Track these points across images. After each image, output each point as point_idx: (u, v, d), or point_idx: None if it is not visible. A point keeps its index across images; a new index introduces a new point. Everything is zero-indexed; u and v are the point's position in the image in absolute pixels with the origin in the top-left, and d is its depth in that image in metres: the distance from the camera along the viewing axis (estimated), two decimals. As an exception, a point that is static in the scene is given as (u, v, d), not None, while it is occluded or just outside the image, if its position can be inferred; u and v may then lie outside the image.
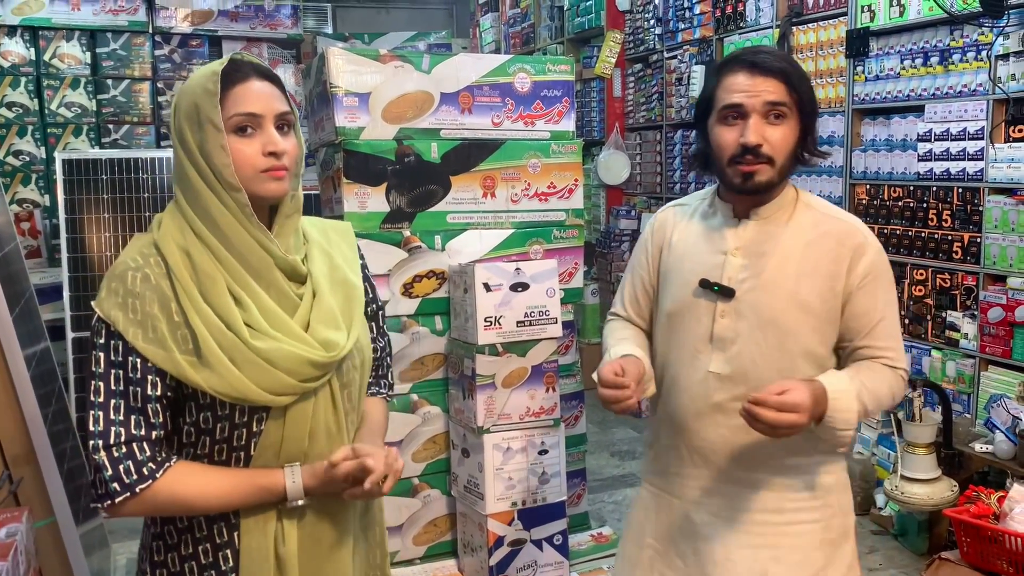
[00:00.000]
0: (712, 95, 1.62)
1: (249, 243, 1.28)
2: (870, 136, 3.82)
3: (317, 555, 1.36)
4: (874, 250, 1.63)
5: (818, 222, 1.65)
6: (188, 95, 1.28)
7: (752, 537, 1.66)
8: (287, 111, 1.32)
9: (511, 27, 7.33)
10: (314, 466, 1.32)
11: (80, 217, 3.77)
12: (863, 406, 1.55)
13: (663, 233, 1.78)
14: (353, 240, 1.52)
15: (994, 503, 2.60)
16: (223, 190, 1.26)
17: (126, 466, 1.23)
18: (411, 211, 2.75)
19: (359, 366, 1.41)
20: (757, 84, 1.56)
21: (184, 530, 1.33)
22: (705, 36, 4.81)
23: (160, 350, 1.24)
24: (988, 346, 3.27)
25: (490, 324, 2.63)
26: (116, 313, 1.24)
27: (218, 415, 1.28)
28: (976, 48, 3.28)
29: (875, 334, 1.63)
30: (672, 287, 1.72)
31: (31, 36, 5.17)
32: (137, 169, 3.86)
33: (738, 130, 1.57)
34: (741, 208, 1.66)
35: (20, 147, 5.12)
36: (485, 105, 2.83)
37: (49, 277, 4.25)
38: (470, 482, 2.74)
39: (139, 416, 1.25)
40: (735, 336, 1.62)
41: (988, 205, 3.26)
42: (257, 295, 1.29)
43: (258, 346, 1.25)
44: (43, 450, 2.31)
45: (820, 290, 1.60)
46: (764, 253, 1.62)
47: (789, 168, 1.63)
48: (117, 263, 1.29)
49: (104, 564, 3.07)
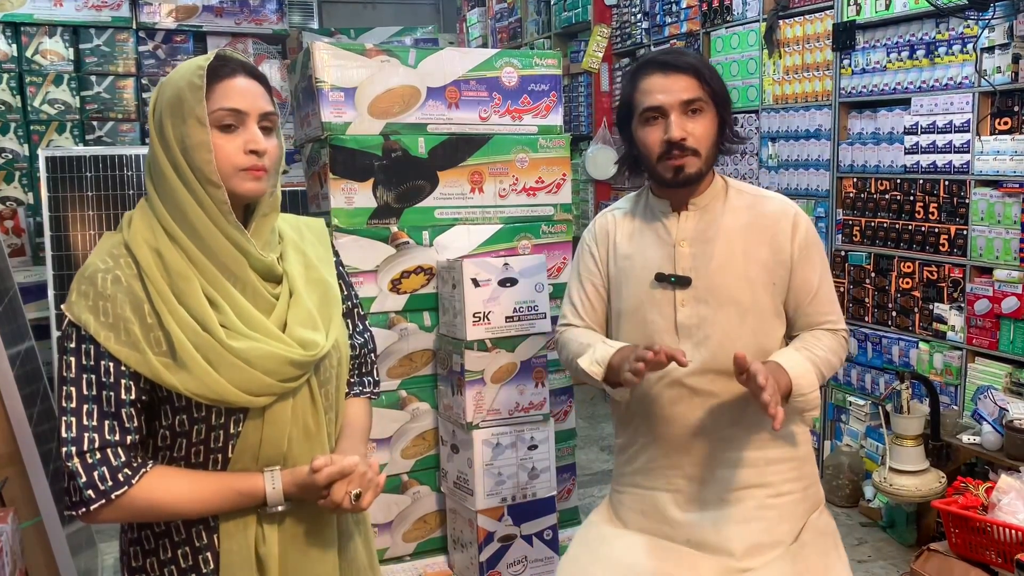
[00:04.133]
0: (631, 99, 1.71)
1: (223, 243, 1.25)
2: (857, 129, 3.82)
3: (299, 556, 1.34)
4: (805, 221, 1.74)
5: (752, 204, 1.75)
6: (171, 88, 1.25)
7: (743, 512, 1.71)
8: (271, 111, 1.31)
9: (498, 22, 7.31)
10: (295, 471, 1.29)
11: (64, 215, 3.74)
12: (822, 379, 1.67)
13: (606, 238, 1.83)
14: (327, 238, 1.51)
15: (982, 494, 2.61)
16: (200, 187, 1.23)
17: (100, 472, 1.21)
18: (398, 207, 2.74)
19: (336, 364, 1.40)
20: (672, 83, 1.64)
21: (162, 534, 1.30)
22: (692, 30, 4.81)
23: (134, 352, 1.21)
24: (975, 338, 3.28)
25: (479, 320, 2.63)
26: (87, 316, 1.21)
27: (194, 417, 1.25)
28: (962, 41, 3.29)
29: (817, 301, 1.73)
30: (627, 287, 1.77)
31: (13, 32, 5.12)
32: (122, 166, 3.83)
33: (661, 128, 1.65)
34: (677, 201, 1.74)
35: (3, 144, 5.07)
36: (472, 100, 2.82)
37: (33, 275, 4.21)
38: (460, 478, 2.73)
39: (113, 421, 1.22)
40: (700, 322, 1.69)
41: (974, 197, 3.27)
42: (231, 296, 1.26)
43: (234, 346, 1.23)
44: (28, 450, 2.29)
45: (768, 265, 1.70)
46: (709, 239, 1.71)
47: (713, 157, 1.71)
48: (87, 264, 1.26)
49: (91, 564, 3.05)
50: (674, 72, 1.64)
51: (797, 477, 1.76)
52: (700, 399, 1.70)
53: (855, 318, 3.86)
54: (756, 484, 1.72)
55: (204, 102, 1.23)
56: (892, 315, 3.68)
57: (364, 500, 1.29)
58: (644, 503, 1.80)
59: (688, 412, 1.71)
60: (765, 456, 1.72)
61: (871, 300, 3.78)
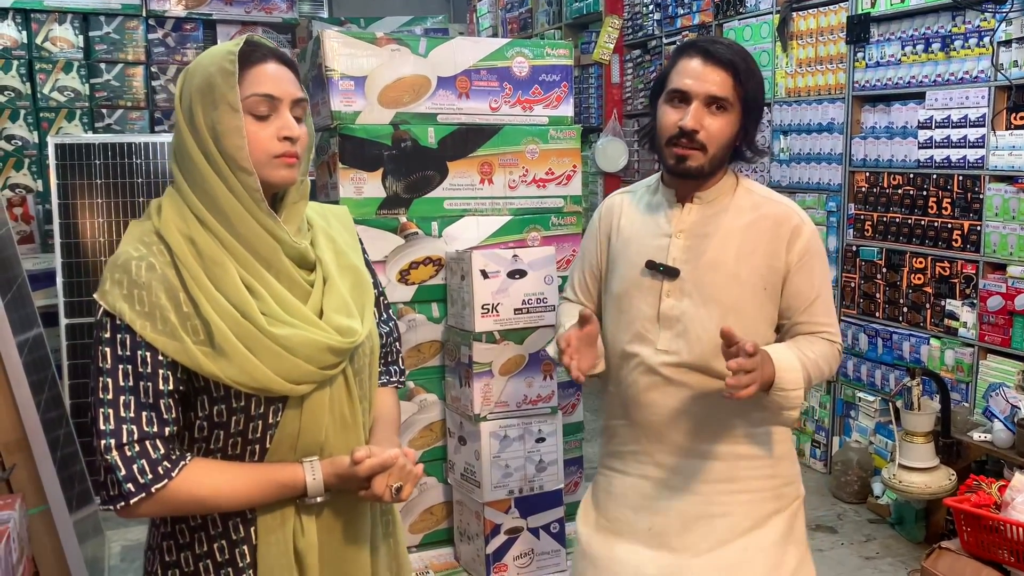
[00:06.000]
0: (666, 75, 1.69)
1: (256, 229, 1.23)
2: (870, 123, 3.79)
3: (336, 548, 1.33)
4: (809, 230, 1.71)
5: (757, 205, 1.72)
6: (201, 74, 1.22)
7: (709, 506, 1.72)
8: (302, 97, 1.28)
9: (508, 12, 7.27)
10: (334, 461, 1.28)
11: (73, 202, 3.73)
12: (808, 381, 1.63)
13: (610, 219, 1.85)
14: (352, 225, 1.49)
15: (995, 492, 2.59)
16: (231, 174, 1.21)
17: (140, 465, 1.17)
18: (408, 197, 2.72)
19: (369, 353, 1.38)
20: (706, 73, 1.62)
21: (198, 528, 1.28)
22: (704, 22, 4.77)
23: (172, 340, 1.18)
24: (987, 335, 3.26)
25: (487, 311, 2.61)
26: (121, 305, 1.18)
27: (233, 407, 1.23)
28: (978, 34, 3.25)
29: (812, 311, 1.71)
30: (620, 269, 1.79)
31: (23, 19, 5.10)
32: (131, 154, 3.81)
33: (680, 113, 1.63)
34: (683, 192, 1.73)
35: (12, 132, 5.06)
36: (483, 89, 2.80)
37: (42, 263, 4.20)
38: (467, 470, 2.72)
39: (151, 412, 1.19)
40: (680, 314, 1.69)
41: (989, 193, 3.24)
42: (268, 282, 1.24)
43: (276, 333, 1.21)
44: (36, 437, 2.29)
45: (760, 269, 1.68)
46: (706, 235, 1.70)
47: (723, 159, 1.68)
48: (118, 252, 1.23)
49: (98, 551, 3.06)
50: (713, 63, 1.62)
51: (770, 475, 1.75)
52: (674, 388, 1.71)
53: (865, 313, 3.83)
54: (724, 479, 1.72)
55: (237, 88, 1.20)
56: (903, 311, 3.65)
57: (404, 492, 1.28)
58: (616, 486, 1.83)
59: (662, 400, 1.72)
60: (736, 451, 1.73)
61: (882, 296, 3.75)
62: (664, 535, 1.74)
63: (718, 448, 1.72)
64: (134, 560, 3.24)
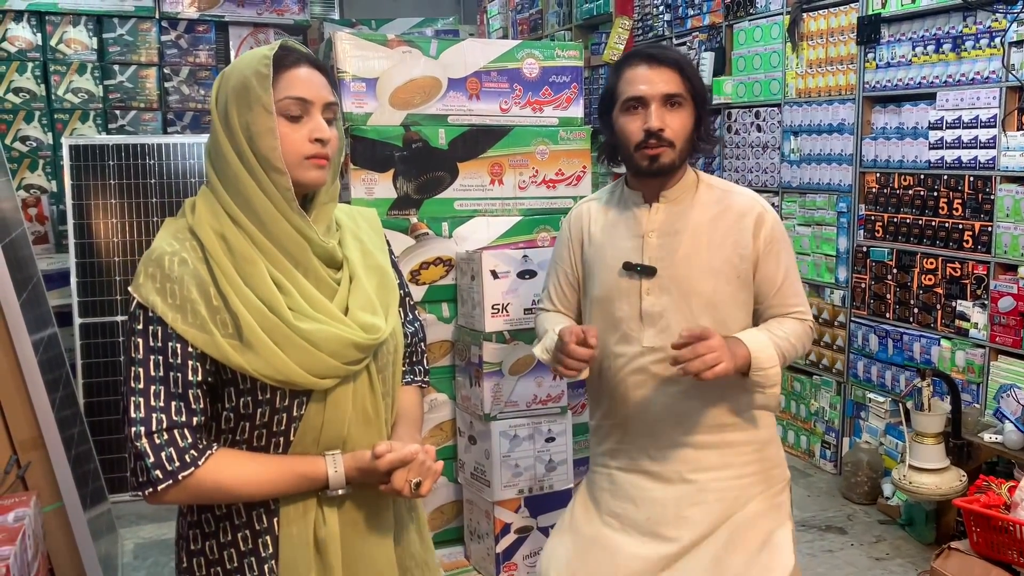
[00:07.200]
0: (614, 89, 1.77)
1: (286, 228, 1.26)
2: (881, 124, 3.78)
3: (358, 540, 1.35)
4: (772, 217, 1.80)
5: (720, 198, 1.80)
6: (236, 76, 1.26)
7: (703, 495, 1.79)
8: (333, 101, 1.33)
9: (518, 13, 7.28)
10: (356, 455, 1.31)
11: (87, 203, 3.76)
12: (783, 358, 1.72)
13: (580, 225, 1.92)
14: (379, 226, 1.53)
15: (1005, 493, 2.58)
16: (264, 174, 1.24)
17: (168, 453, 1.22)
18: (418, 198, 2.74)
19: (393, 350, 1.41)
20: (655, 75, 1.71)
21: (223, 517, 1.32)
22: (715, 23, 4.77)
23: (201, 333, 1.22)
24: (998, 336, 3.25)
25: (497, 311, 2.63)
26: (154, 298, 1.22)
27: (259, 400, 1.26)
28: (989, 35, 3.25)
29: (782, 293, 1.80)
30: (597, 274, 1.85)
31: (38, 21, 5.15)
32: (144, 155, 3.85)
33: (641, 118, 1.71)
34: (650, 193, 1.80)
35: (27, 133, 5.10)
36: (493, 91, 2.81)
37: (56, 263, 4.24)
38: (477, 469, 2.73)
39: (180, 402, 1.23)
40: (662, 310, 1.76)
41: (1000, 194, 3.23)
42: (296, 279, 1.28)
43: (302, 327, 1.24)
44: (51, 435, 2.32)
45: (731, 259, 1.76)
46: (677, 231, 1.77)
47: (687, 151, 1.77)
48: (152, 247, 1.28)
49: (112, 548, 3.09)
50: (658, 65, 1.71)
51: (759, 459, 1.83)
52: (663, 385, 1.77)
53: (876, 314, 3.83)
54: (716, 466, 1.80)
55: (271, 90, 1.24)
56: (914, 312, 3.64)
57: (423, 488, 1.31)
58: (612, 482, 1.88)
59: (652, 397, 1.79)
60: (726, 439, 1.80)
61: (892, 296, 3.75)
62: (662, 524, 1.79)
63: (709, 438, 1.79)
64: (147, 558, 3.27)
